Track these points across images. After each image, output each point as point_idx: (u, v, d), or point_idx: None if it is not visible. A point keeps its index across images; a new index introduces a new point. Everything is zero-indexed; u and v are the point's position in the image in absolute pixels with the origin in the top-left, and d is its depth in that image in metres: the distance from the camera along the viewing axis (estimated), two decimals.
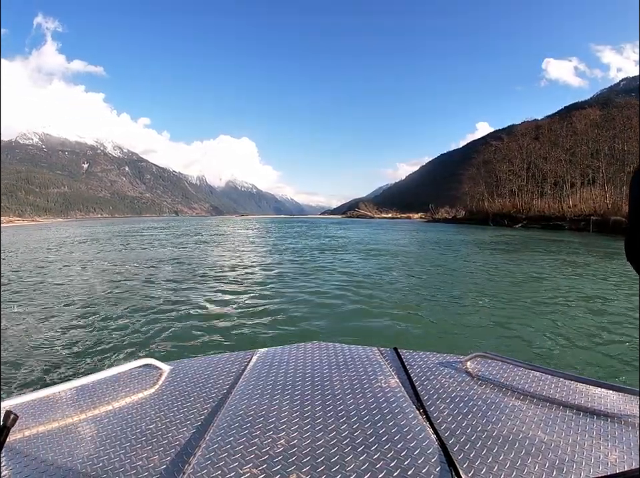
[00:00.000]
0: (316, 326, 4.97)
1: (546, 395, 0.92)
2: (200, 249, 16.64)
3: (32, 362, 3.84)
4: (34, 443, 0.77)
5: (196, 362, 1.22)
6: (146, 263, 11.71)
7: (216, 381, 1.04)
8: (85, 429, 0.82)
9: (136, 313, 5.72)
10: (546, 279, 8.33)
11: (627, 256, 0.40)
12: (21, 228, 46.75)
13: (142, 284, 8.15)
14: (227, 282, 8.34)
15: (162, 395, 0.97)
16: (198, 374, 1.09)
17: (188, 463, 0.67)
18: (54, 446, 0.76)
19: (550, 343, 4.20)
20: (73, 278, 9.09)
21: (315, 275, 8.96)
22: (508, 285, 7.64)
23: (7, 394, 3.07)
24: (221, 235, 26.60)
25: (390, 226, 45.65)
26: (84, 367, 3.76)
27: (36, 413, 0.89)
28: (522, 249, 16.15)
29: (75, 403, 0.94)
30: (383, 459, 0.66)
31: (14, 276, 9.31)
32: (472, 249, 15.63)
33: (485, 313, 5.47)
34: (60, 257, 13.70)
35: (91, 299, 6.73)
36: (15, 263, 11.86)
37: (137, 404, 0.93)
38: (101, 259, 12.87)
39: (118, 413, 0.89)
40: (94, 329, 4.97)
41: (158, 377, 1.09)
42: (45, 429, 0.82)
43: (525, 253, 14.11)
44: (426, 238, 22.63)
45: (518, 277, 8.63)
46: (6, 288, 7.70)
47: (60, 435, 0.80)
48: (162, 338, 4.55)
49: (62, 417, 0.87)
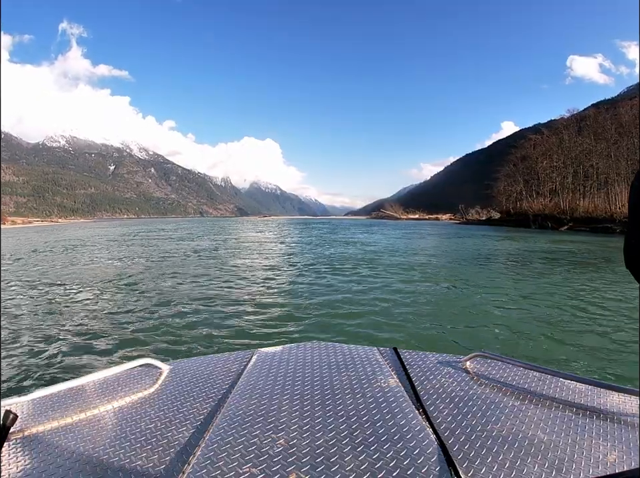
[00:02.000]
0: (316, 327, 4.97)
1: (545, 395, 0.92)
2: (198, 254, 15.29)
3: (32, 362, 3.86)
4: (34, 443, 0.77)
5: (196, 361, 1.21)
6: (146, 263, 11.66)
7: (216, 381, 1.04)
8: (84, 429, 0.81)
9: (135, 312, 5.77)
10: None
11: (626, 263, 0.39)
12: (28, 229, 45.45)
13: (141, 284, 8.18)
14: (227, 283, 8.31)
15: (161, 395, 0.97)
16: (197, 374, 1.09)
17: (188, 462, 0.67)
18: (53, 446, 0.75)
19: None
20: (72, 278, 9.02)
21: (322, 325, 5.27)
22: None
23: (7, 394, 2.94)
24: (226, 240, 23.57)
25: (419, 228, 41.38)
26: (83, 367, 3.76)
27: (35, 413, 0.89)
28: (607, 266, 12.18)
29: (74, 403, 0.94)
30: (382, 458, 0.66)
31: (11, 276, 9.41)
32: (548, 268, 11.78)
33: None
34: (53, 259, 13.47)
35: (90, 299, 6.77)
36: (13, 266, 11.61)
37: (136, 404, 0.93)
38: (99, 260, 12.83)
39: (117, 413, 0.89)
40: (93, 329, 4.98)
41: (157, 377, 1.09)
42: (44, 429, 0.82)
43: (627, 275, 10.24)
44: (474, 246, 18.56)
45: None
46: (6, 288, 7.85)
47: (59, 435, 0.79)
48: (162, 338, 4.56)
49: (61, 417, 0.87)
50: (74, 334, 4.79)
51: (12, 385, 3.36)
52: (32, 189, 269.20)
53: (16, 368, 3.70)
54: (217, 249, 16.94)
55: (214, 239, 23.80)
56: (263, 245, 18.92)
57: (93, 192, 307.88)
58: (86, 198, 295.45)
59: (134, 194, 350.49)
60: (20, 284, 8.42)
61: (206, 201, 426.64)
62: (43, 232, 39.68)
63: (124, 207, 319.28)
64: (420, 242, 20.96)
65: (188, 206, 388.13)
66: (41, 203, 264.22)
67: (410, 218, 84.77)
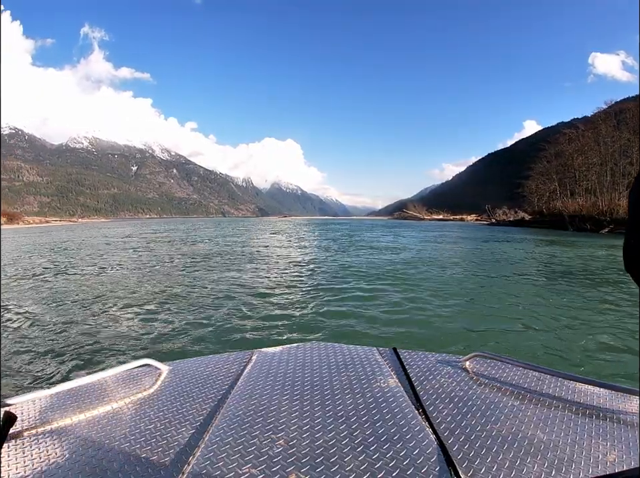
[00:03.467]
0: (315, 327, 4.97)
1: (545, 395, 0.92)
2: (200, 256, 14.35)
3: (32, 363, 3.87)
4: (34, 443, 0.77)
5: (195, 362, 1.21)
6: (146, 264, 11.66)
7: (215, 381, 1.04)
8: (84, 430, 0.81)
9: (134, 313, 5.76)
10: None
11: (626, 266, 0.38)
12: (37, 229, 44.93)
13: (140, 284, 8.12)
14: (226, 282, 8.25)
15: (161, 395, 0.97)
16: (197, 374, 1.09)
17: (188, 463, 0.67)
18: (53, 446, 0.76)
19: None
20: (71, 279, 8.98)
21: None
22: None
23: (6, 394, 3.03)
24: (235, 242, 21.85)
25: (447, 229, 38.28)
26: (82, 367, 3.76)
27: (35, 414, 0.89)
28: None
29: (74, 404, 0.94)
30: (382, 459, 0.66)
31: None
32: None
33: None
34: (54, 260, 13.11)
35: (89, 300, 6.70)
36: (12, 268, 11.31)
37: (136, 404, 0.93)
38: (98, 261, 12.77)
39: (117, 413, 0.89)
40: (92, 329, 4.95)
41: (157, 377, 1.09)
42: (44, 430, 0.82)
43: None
44: (523, 254, 15.98)
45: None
46: (5, 289, 7.85)
47: (59, 436, 0.80)
48: (161, 338, 4.56)
49: (60, 417, 0.87)
50: (73, 335, 4.73)
51: (12, 385, 3.35)
52: (55, 189, 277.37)
53: (16, 368, 3.72)
54: (221, 253, 15.83)
55: (219, 241, 22.19)
56: (271, 249, 17.10)
57: (116, 193, 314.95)
58: (109, 198, 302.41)
59: (156, 195, 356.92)
60: (17, 286, 8.16)
61: (227, 201, 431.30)
62: (52, 232, 38.89)
63: (146, 207, 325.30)
64: (454, 248, 18.25)
65: (209, 206, 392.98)
66: (64, 203, 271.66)
67: (434, 218, 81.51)
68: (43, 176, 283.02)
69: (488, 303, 6.53)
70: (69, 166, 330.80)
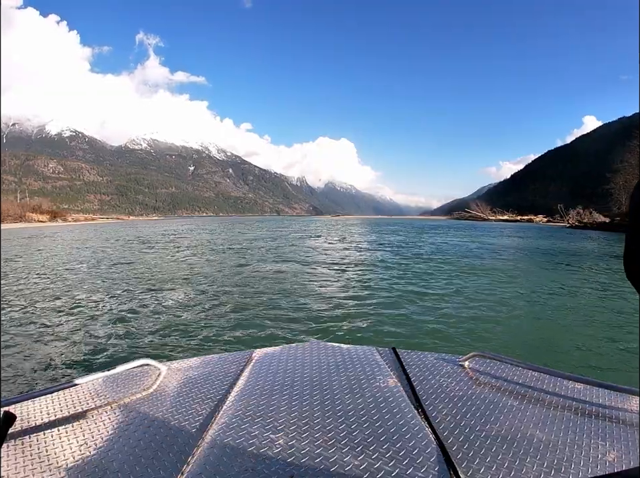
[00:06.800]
0: (315, 327, 4.89)
1: (544, 395, 0.91)
2: (217, 253, 15.05)
3: (31, 363, 3.83)
4: (33, 443, 0.77)
5: (194, 362, 1.20)
6: (146, 264, 11.48)
7: (214, 381, 1.03)
8: (83, 430, 0.81)
9: (133, 313, 5.69)
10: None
11: (627, 274, 0.38)
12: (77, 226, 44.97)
13: (139, 285, 8.02)
14: (226, 283, 8.15)
15: (159, 395, 0.97)
16: (196, 374, 1.09)
17: (187, 463, 0.67)
18: (52, 446, 0.76)
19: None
20: (70, 279, 8.77)
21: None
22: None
23: (6, 394, 3.03)
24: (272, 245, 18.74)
25: (526, 234, 30.25)
26: (82, 367, 3.73)
27: (34, 414, 0.89)
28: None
29: (73, 404, 0.94)
30: (381, 459, 0.66)
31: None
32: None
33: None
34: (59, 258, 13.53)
35: (89, 300, 6.64)
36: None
37: (134, 405, 0.92)
38: (97, 261, 12.60)
39: (116, 413, 0.89)
40: (91, 329, 4.92)
41: (155, 377, 1.08)
42: (43, 430, 0.82)
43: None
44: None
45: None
46: (5, 289, 7.77)
47: (58, 436, 0.80)
48: (159, 338, 4.51)
49: (60, 417, 0.87)
50: (72, 335, 4.73)
51: (12, 385, 3.34)
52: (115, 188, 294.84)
53: (16, 369, 3.69)
54: (243, 251, 15.42)
55: (235, 239, 19.31)
56: (309, 253, 13.85)
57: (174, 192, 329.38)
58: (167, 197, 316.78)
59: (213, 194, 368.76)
60: (16, 286, 8.06)
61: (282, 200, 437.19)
62: (83, 230, 38.48)
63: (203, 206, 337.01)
64: (574, 271, 10.88)
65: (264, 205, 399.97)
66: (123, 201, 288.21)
67: (499, 218, 74.08)
68: (103, 176, 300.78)
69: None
70: (128, 167, 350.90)
